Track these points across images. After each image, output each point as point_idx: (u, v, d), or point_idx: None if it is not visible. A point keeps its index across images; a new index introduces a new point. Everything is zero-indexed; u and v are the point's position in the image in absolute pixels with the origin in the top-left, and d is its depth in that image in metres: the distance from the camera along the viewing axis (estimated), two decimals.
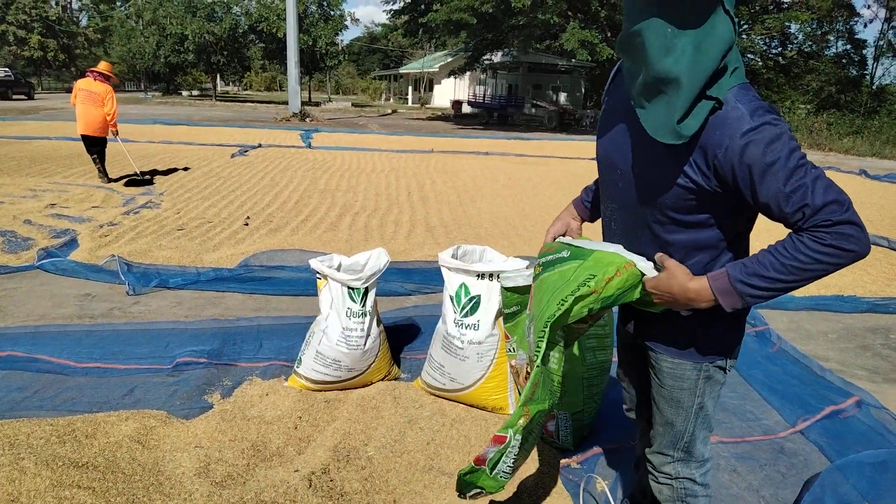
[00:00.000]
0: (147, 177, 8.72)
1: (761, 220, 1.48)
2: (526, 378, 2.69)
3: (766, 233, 2.40)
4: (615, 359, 2.16)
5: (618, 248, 1.59)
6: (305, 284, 4.43)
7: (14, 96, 30.94)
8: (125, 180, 8.45)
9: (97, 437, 2.49)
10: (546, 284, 1.65)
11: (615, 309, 1.76)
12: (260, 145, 13.78)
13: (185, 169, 9.77)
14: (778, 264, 1.34)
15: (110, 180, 8.45)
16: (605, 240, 1.73)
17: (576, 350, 2.61)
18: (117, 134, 8.60)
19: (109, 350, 3.34)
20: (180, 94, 47.05)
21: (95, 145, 8.43)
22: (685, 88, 1.30)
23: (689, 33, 1.28)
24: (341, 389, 2.99)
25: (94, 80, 8.30)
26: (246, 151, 12.52)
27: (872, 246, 7.16)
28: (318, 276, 2.96)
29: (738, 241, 1.53)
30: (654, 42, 1.30)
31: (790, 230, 1.35)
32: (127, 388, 2.95)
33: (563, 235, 1.92)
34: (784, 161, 1.30)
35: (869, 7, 40.21)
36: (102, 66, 8.47)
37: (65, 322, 3.74)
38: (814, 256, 1.31)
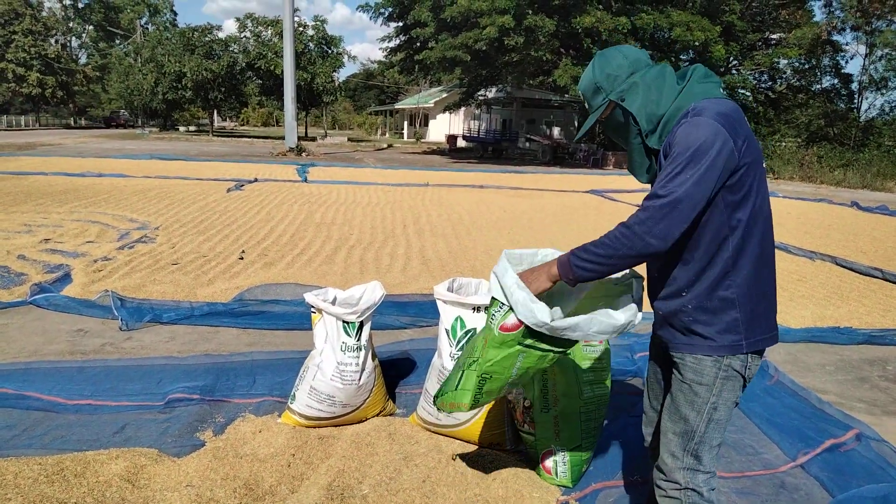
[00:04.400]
0: None
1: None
2: (523, 412, 2.66)
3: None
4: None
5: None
6: (300, 318, 4.41)
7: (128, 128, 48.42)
8: None
9: (86, 477, 2.43)
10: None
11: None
12: (256, 180, 13.85)
13: None
14: (598, 240, 1.67)
15: None
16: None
17: (573, 385, 2.59)
18: None
19: (101, 386, 3.29)
20: (177, 129, 47.47)
21: None
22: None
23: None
24: (336, 426, 2.95)
25: None
26: (242, 186, 12.57)
27: (867, 278, 7.11)
28: (312, 309, 2.94)
29: (726, 248, 1.70)
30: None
31: None
32: (118, 426, 2.90)
33: None
34: (681, 146, 1.60)
35: (847, 44, 41.01)
36: None
37: (56, 358, 3.69)
38: (618, 232, 1.64)
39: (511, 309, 1.81)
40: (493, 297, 1.90)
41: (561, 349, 1.87)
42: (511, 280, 1.80)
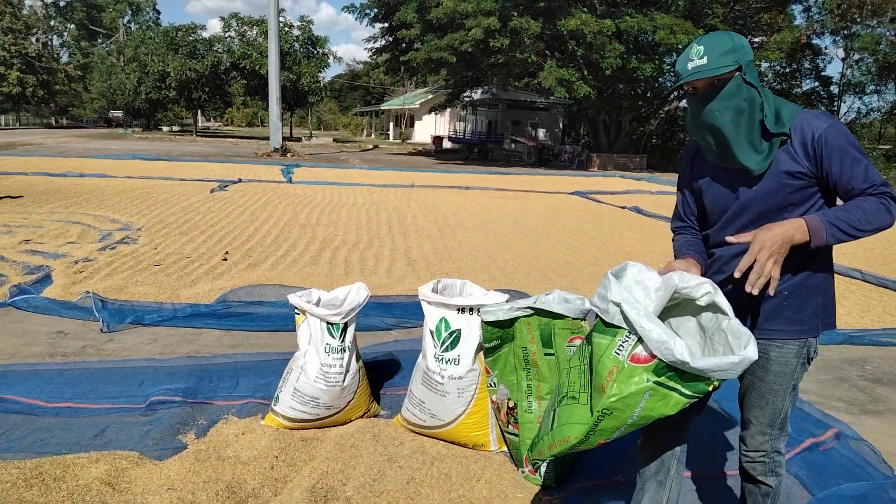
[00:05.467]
0: None
1: None
2: (507, 413, 2.67)
3: None
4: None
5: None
6: (284, 320, 4.38)
7: (123, 128, 45.73)
8: None
9: (66, 480, 2.40)
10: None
11: None
12: (240, 180, 13.77)
13: None
14: (853, 211, 1.73)
15: None
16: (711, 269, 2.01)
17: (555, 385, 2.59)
18: None
19: (81, 389, 3.25)
20: (161, 129, 47.06)
21: None
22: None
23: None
24: (319, 427, 2.94)
25: None
26: (226, 186, 12.49)
27: (846, 279, 7.20)
28: (296, 311, 2.93)
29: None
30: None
31: (855, 197, 1.78)
32: (98, 429, 2.87)
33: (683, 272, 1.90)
34: (853, 147, 1.78)
35: (826, 48, 41.68)
36: None
37: (36, 360, 3.64)
38: (875, 206, 1.74)
39: (640, 340, 1.65)
40: (605, 321, 1.72)
41: (691, 394, 1.65)
42: (637, 312, 1.64)
